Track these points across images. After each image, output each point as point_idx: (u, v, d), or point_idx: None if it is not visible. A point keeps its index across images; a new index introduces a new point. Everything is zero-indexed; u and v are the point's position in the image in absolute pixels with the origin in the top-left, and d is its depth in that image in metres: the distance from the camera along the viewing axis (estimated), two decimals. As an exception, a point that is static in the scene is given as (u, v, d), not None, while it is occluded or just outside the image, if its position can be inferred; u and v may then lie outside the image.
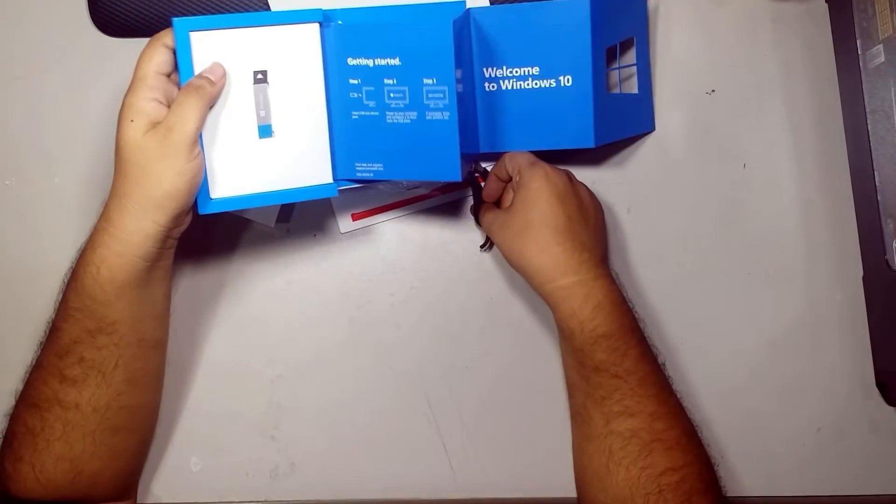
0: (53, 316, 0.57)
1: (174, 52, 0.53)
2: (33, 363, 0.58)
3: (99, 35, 0.69)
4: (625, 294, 0.59)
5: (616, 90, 0.66)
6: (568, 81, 0.60)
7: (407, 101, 0.58)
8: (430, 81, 0.57)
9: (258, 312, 0.67)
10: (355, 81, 0.58)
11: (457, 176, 0.57)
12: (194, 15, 0.67)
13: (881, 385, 0.66)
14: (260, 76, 0.55)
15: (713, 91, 0.69)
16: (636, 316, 0.59)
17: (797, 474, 0.66)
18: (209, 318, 0.67)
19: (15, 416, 0.58)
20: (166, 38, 0.53)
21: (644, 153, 0.68)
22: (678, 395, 0.58)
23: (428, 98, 0.57)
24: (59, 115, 0.68)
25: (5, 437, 0.58)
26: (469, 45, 0.60)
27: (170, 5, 0.68)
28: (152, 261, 0.55)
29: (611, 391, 0.55)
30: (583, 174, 0.66)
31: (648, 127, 0.68)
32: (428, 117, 0.58)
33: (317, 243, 0.68)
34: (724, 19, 0.69)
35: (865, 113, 0.64)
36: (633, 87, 0.67)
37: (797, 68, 0.69)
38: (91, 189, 0.68)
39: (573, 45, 0.59)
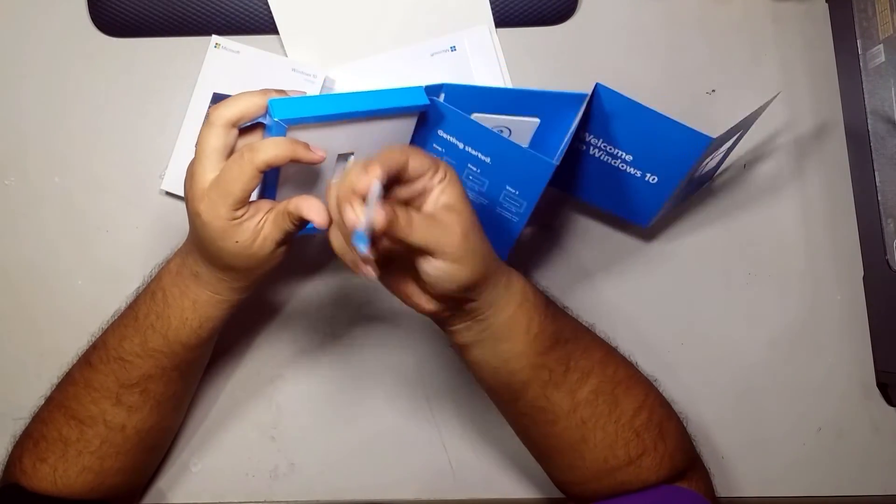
0: (114, 342, 0.56)
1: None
2: (79, 378, 0.57)
3: (99, 35, 0.69)
4: None
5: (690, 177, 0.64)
6: (653, 180, 0.59)
7: (483, 190, 0.57)
8: (513, 190, 0.56)
9: (258, 312, 0.67)
10: (438, 149, 0.57)
11: (503, 258, 0.57)
12: (195, 18, 0.68)
13: (881, 385, 0.66)
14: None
15: (713, 91, 0.69)
16: None
17: (797, 474, 0.66)
18: (209, 318, 0.67)
19: (47, 421, 0.57)
20: (258, 159, 0.47)
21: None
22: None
23: (505, 199, 0.57)
24: (59, 114, 0.68)
25: (29, 435, 0.57)
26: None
27: (170, 5, 0.68)
28: None
29: (567, 360, 0.53)
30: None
31: (693, 193, 0.68)
32: (497, 211, 0.58)
33: (317, 243, 0.68)
34: (724, 19, 0.69)
35: (866, 113, 0.64)
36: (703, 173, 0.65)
37: (797, 68, 0.69)
38: (91, 189, 0.68)
39: (676, 161, 0.58)
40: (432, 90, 0.54)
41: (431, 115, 0.55)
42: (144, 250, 0.66)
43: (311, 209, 0.48)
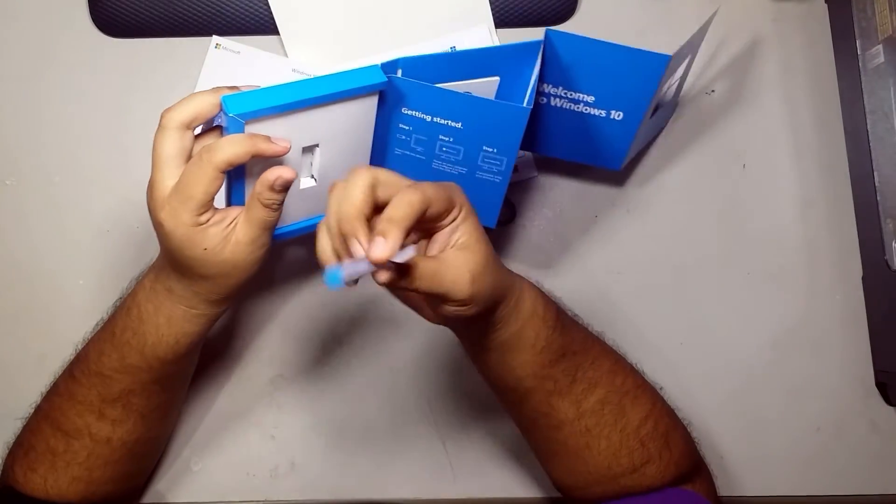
0: (94, 356, 0.55)
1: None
2: (63, 390, 0.56)
3: (99, 35, 0.69)
4: None
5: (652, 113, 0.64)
6: (618, 116, 0.59)
7: (460, 158, 0.56)
8: (490, 150, 0.55)
9: (258, 312, 0.67)
10: (406, 128, 0.55)
11: (492, 224, 0.58)
12: (195, 18, 0.68)
13: (881, 385, 0.66)
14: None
15: (713, 91, 0.69)
16: None
17: (797, 474, 0.66)
18: (209, 318, 0.66)
19: (35, 431, 0.57)
20: (217, 158, 0.46)
21: (643, 152, 0.68)
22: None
23: (483, 161, 0.56)
24: (59, 114, 0.68)
25: (20, 444, 0.57)
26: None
27: (170, 5, 0.68)
28: None
29: (574, 371, 0.52)
30: (583, 173, 0.66)
31: (660, 129, 0.68)
32: (478, 176, 0.57)
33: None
34: (724, 19, 0.69)
35: (865, 113, 0.64)
36: (665, 102, 0.65)
37: (797, 68, 0.69)
38: (91, 189, 0.68)
39: (638, 89, 0.57)
40: (389, 67, 0.53)
41: (392, 94, 0.53)
42: (145, 250, 0.66)
43: (277, 170, 0.47)
